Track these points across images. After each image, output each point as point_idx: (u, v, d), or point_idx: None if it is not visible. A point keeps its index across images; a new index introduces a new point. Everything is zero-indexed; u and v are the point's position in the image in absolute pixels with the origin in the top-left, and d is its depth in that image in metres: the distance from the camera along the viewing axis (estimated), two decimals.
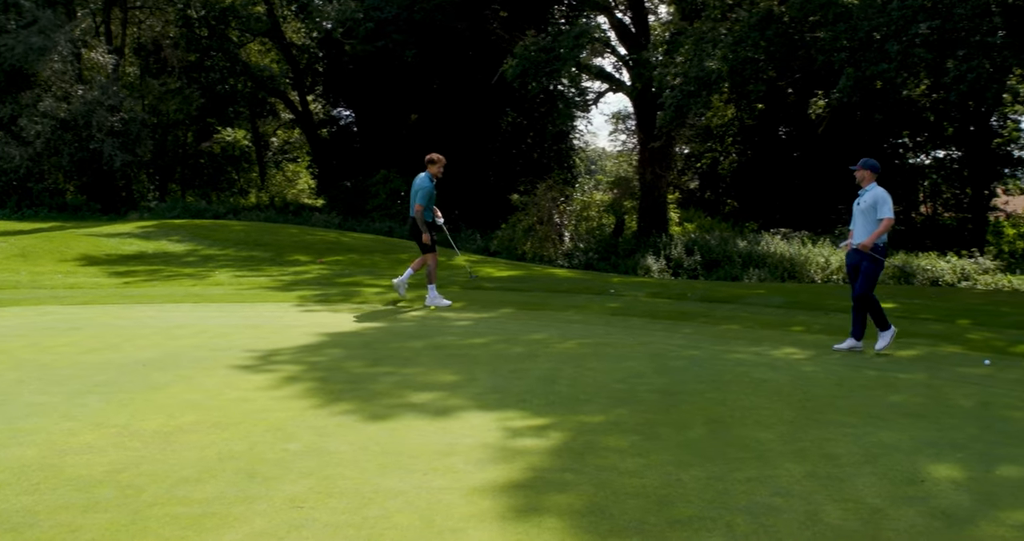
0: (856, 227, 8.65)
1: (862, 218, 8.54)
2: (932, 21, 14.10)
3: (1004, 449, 5.42)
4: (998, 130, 35.27)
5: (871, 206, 8.43)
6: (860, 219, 8.58)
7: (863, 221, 8.53)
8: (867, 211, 8.48)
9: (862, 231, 8.56)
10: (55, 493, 4.38)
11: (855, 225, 8.66)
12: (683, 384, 7.02)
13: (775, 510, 4.33)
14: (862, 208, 8.53)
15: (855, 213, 8.63)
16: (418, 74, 32.43)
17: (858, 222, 8.61)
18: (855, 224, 8.66)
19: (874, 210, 8.41)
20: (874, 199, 8.45)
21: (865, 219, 8.50)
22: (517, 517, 4.20)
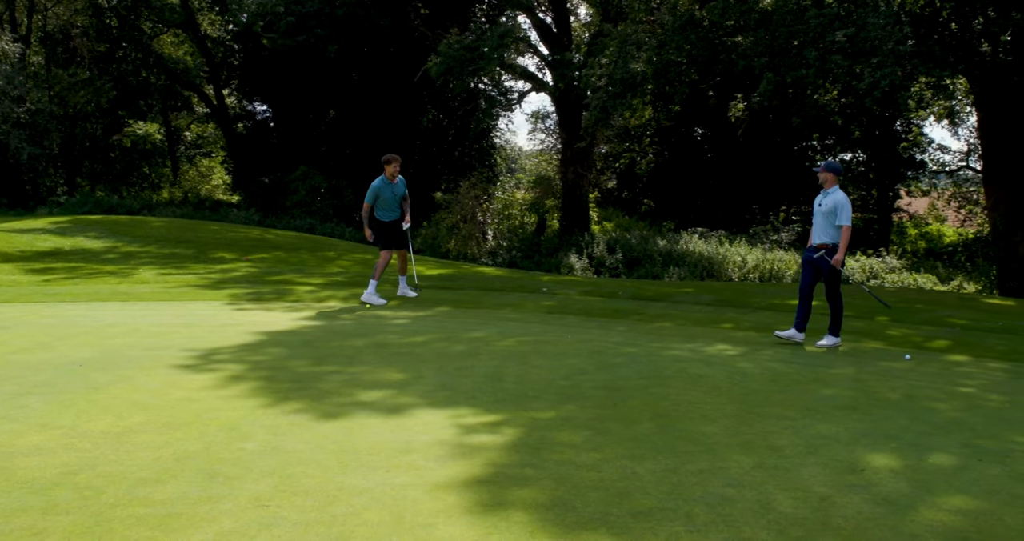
0: (816, 226, 9.04)
1: (822, 219, 8.93)
2: (847, 29, 14.66)
3: (933, 439, 5.73)
4: (902, 135, 36.73)
5: (832, 210, 8.81)
6: (820, 220, 8.97)
7: (823, 222, 8.92)
8: (828, 214, 8.86)
9: (820, 231, 8.96)
10: (10, 496, 4.29)
11: (815, 224, 9.04)
12: (625, 380, 7.19)
13: (729, 500, 4.51)
14: (823, 210, 8.90)
15: (816, 213, 9.01)
16: (338, 70, 32.14)
17: (818, 222, 9.00)
18: (815, 223, 9.03)
19: (834, 214, 8.79)
20: (835, 204, 8.82)
21: (825, 221, 8.88)
22: (484, 511, 4.28)
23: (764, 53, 15.32)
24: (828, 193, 8.91)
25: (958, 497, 4.66)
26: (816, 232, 9.01)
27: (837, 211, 8.77)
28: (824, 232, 8.90)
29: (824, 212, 8.88)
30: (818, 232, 8.97)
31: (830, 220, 8.83)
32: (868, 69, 14.10)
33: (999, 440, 5.73)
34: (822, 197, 8.98)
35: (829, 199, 8.86)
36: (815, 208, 9.02)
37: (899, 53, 14.32)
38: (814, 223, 9.04)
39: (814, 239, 9.06)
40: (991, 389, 7.37)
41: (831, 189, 8.91)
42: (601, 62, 18.82)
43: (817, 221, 8.98)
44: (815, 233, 9.03)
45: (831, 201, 8.83)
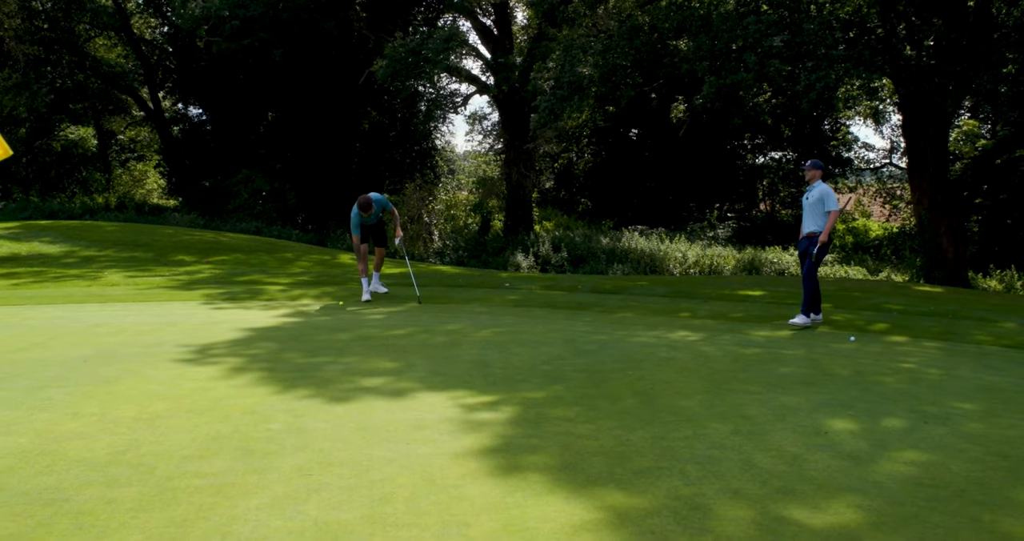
0: (805, 217, 9.93)
1: (810, 210, 9.82)
2: (784, 35, 15.52)
3: (883, 406, 6.44)
4: (830, 134, 38.18)
5: (818, 200, 9.71)
6: (809, 211, 9.87)
7: (811, 213, 9.82)
8: (815, 205, 9.75)
9: (810, 221, 9.86)
10: (71, 473, 4.68)
11: (805, 216, 9.92)
12: (601, 364, 7.79)
13: (715, 459, 5.12)
14: (810, 202, 9.80)
15: (805, 206, 9.91)
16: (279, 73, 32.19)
17: (807, 214, 9.89)
18: (805, 216, 9.91)
19: (821, 204, 9.70)
20: (820, 194, 9.72)
21: (813, 211, 9.79)
22: (503, 474, 4.82)
23: (706, 57, 16.11)
24: (813, 187, 9.77)
25: (910, 452, 5.34)
26: (806, 223, 9.91)
27: (824, 200, 9.63)
28: (813, 222, 9.80)
29: (812, 203, 9.75)
30: (808, 222, 9.87)
31: (818, 210, 9.71)
32: (804, 72, 14.98)
33: (940, 406, 6.46)
34: (809, 191, 9.83)
35: (815, 191, 9.75)
36: (803, 202, 9.93)
37: (832, 57, 15.23)
38: (804, 216, 9.90)
39: (804, 229, 9.94)
40: (929, 365, 8.15)
41: (815, 184, 9.77)
42: (548, 65, 19.43)
43: (806, 213, 9.89)
44: (805, 224, 9.93)
45: (817, 193, 9.73)
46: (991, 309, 12.02)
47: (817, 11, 16.66)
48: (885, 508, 4.38)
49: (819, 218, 9.73)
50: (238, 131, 36.88)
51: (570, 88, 18.00)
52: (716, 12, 16.41)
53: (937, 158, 20.08)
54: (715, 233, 34.56)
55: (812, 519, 4.24)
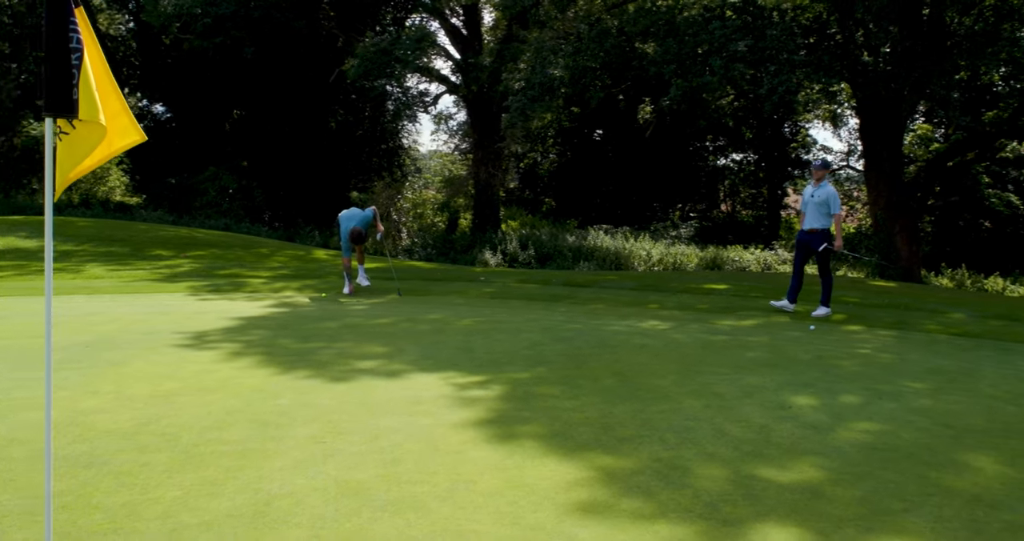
0: (808, 214, 10.62)
1: (815, 209, 10.49)
2: (748, 40, 16.16)
3: (840, 385, 7.00)
4: (790, 136, 39.13)
5: (824, 201, 10.38)
6: (813, 209, 10.54)
7: (815, 211, 10.49)
8: (820, 204, 10.42)
9: (813, 218, 10.54)
10: (102, 442, 5.07)
11: (808, 212, 10.61)
12: (579, 349, 8.28)
13: (691, 429, 5.63)
14: (816, 201, 10.47)
15: (809, 203, 10.58)
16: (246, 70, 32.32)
17: (811, 211, 10.57)
18: (807, 211, 10.61)
19: (827, 205, 10.37)
20: (827, 196, 10.39)
21: (817, 210, 10.47)
22: (500, 441, 5.29)
23: (673, 60, 16.69)
24: (820, 187, 10.46)
25: (865, 423, 5.90)
26: (809, 219, 10.59)
27: (830, 202, 10.34)
28: (816, 219, 10.48)
29: (817, 203, 10.43)
30: (810, 219, 10.55)
31: (822, 210, 10.41)
32: (767, 76, 15.62)
33: (893, 385, 7.04)
34: (815, 190, 10.52)
35: (821, 192, 10.39)
36: (807, 199, 10.61)
37: (793, 62, 15.89)
38: (807, 212, 10.61)
39: (806, 225, 10.65)
40: (882, 350, 8.76)
41: (822, 184, 10.42)
42: (520, 66, 19.93)
43: (810, 210, 10.55)
44: (808, 220, 10.61)
45: (823, 194, 10.38)
46: (941, 302, 12.72)
47: (779, 17, 17.33)
48: (843, 468, 4.92)
49: (821, 217, 10.42)
50: (204, 128, 36.90)
51: (541, 89, 18.50)
52: (681, 17, 17.02)
53: (893, 161, 20.89)
54: (678, 232, 35.28)
55: (779, 477, 4.76)
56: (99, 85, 2.27)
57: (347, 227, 12.17)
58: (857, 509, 4.30)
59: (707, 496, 4.44)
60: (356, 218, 12.29)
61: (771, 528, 4.05)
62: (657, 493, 4.47)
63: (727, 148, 42.29)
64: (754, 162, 41.33)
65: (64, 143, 2.35)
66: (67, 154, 2.37)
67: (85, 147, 2.36)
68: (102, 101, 2.30)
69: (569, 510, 4.21)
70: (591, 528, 4.00)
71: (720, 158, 42.85)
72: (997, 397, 6.71)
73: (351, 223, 12.21)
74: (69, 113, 2.27)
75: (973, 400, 6.58)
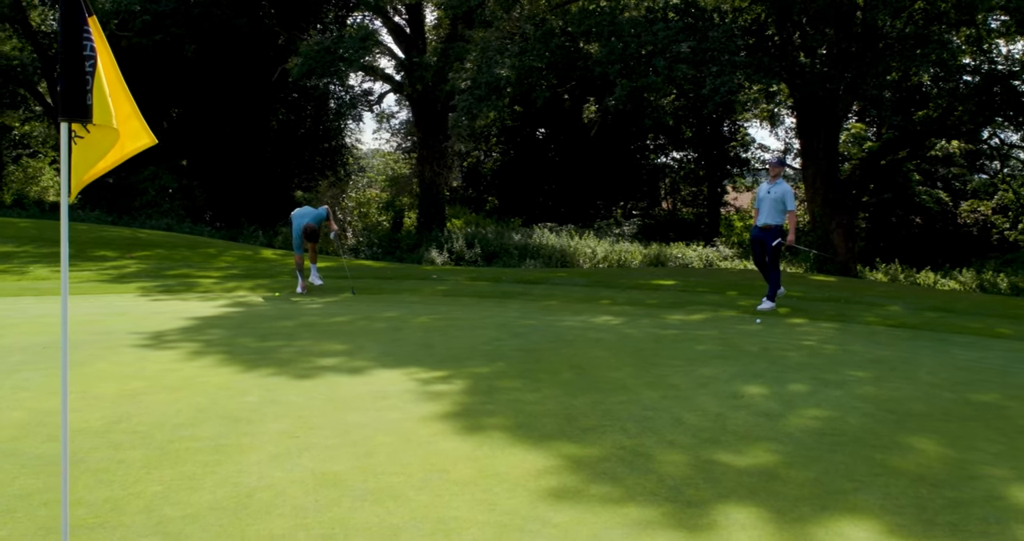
0: (763, 210, 10.83)
1: (771, 205, 10.71)
2: (691, 41, 16.55)
3: (788, 375, 7.31)
4: (728, 135, 39.89)
5: (780, 198, 10.61)
6: (769, 205, 10.75)
7: (771, 207, 10.71)
8: (776, 201, 10.65)
9: (768, 215, 10.76)
10: (75, 440, 5.09)
11: (762, 208, 10.82)
12: (535, 344, 8.48)
13: (650, 418, 5.86)
14: (772, 197, 10.69)
15: (765, 199, 10.78)
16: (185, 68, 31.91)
17: (765, 206, 10.79)
18: (762, 207, 10.82)
19: (783, 201, 10.60)
20: (783, 193, 10.62)
21: (773, 206, 10.69)
22: (468, 432, 5.45)
23: (618, 61, 17.00)
24: (776, 184, 10.69)
25: (814, 410, 6.20)
26: (763, 215, 10.81)
27: (785, 199, 10.57)
28: (771, 216, 10.71)
29: (773, 199, 10.64)
30: (765, 215, 10.78)
31: (778, 206, 10.63)
32: (710, 77, 16.02)
33: (837, 374, 7.37)
34: (771, 187, 10.74)
35: (778, 189, 10.62)
36: (763, 195, 10.83)
37: (735, 63, 16.32)
38: (762, 208, 10.84)
39: (761, 221, 10.89)
40: (826, 342, 9.13)
41: (777, 181, 10.68)
42: (466, 66, 20.09)
43: (765, 206, 10.77)
44: (763, 216, 10.83)
45: (780, 191, 10.61)
46: (878, 296, 13.23)
47: (720, 20, 17.76)
48: (795, 452, 5.19)
49: (776, 213, 10.68)
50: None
51: (487, 88, 18.67)
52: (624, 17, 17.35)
53: (829, 159, 21.52)
54: (621, 230, 35.74)
55: (737, 461, 5.01)
56: (112, 90, 2.38)
57: (300, 224, 12.21)
58: (811, 489, 4.56)
59: (670, 480, 4.66)
60: (309, 216, 12.35)
61: (732, 509, 4.28)
62: (623, 479, 4.68)
63: (667, 146, 42.94)
64: (694, 160, 42.03)
65: (79, 146, 2.45)
66: (82, 157, 2.48)
67: (99, 150, 2.47)
68: (115, 106, 2.41)
69: (541, 496, 4.40)
70: (564, 512, 4.19)
71: (661, 156, 43.49)
72: (935, 384, 7.07)
73: (304, 220, 12.26)
74: (84, 118, 2.38)
75: (913, 387, 6.94)
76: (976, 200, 31.98)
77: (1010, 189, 28.51)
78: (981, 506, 4.38)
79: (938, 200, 32.28)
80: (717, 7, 19.41)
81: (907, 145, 25.51)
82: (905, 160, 28.15)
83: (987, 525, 4.14)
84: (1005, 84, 20.61)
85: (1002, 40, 24.47)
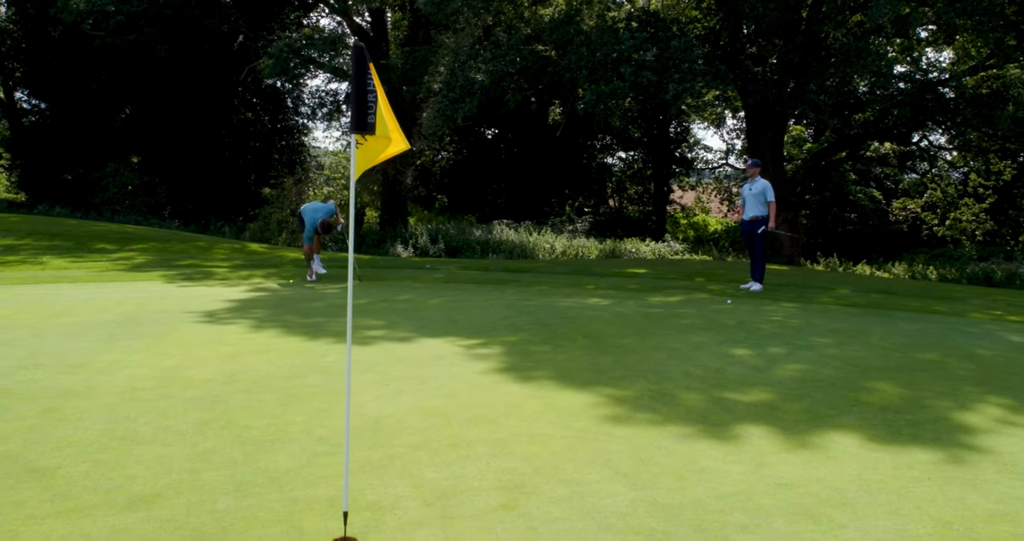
0: (748, 205, 12.38)
1: (753, 199, 12.29)
2: (654, 50, 17.98)
3: (766, 342, 8.71)
4: (675, 136, 41.63)
5: (761, 192, 12.19)
6: (752, 200, 12.33)
7: (754, 201, 12.29)
8: (758, 195, 12.22)
9: (752, 208, 12.32)
10: (207, 388, 6.22)
11: (748, 204, 12.39)
12: (545, 320, 9.76)
13: (664, 371, 7.18)
14: (754, 193, 12.27)
15: (748, 196, 12.36)
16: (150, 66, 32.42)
17: (750, 202, 12.37)
18: (748, 203, 12.39)
19: (763, 195, 12.17)
20: (763, 187, 12.22)
21: (756, 200, 12.25)
22: (523, 381, 6.71)
23: (586, 67, 18.35)
24: (755, 181, 12.26)
25: (793, 365, 7.59)
26: (749, 209, 12.40)
27: (766, 193, 12.17)
28: (755, 208, 12.30)
29: (755, 194, 12.25)
30: (750, 209, 12.36)
31: (760, 199, 12.27)
32: (672, 83, 17.47)
33: (806, 341, 8.79)
34: (751, 184, 12.31)
35: (758, 185, 12.23)
36: (746, 193, 12.40)
37: (695, 70, 17.81)
38: (747, 203, 12.41)
39: (747, 215, 12.42)
40: (791, 318, 10.56)
41: (756, 179, 12.19)
42: (440, 69, 21.26)
43: (749, 201, 12.38)
44: (748, 210, 12.40)
45: (759, 187, 12.21)
46: (828, 281, 14.80)
47: (679, 30, 19.24)
48: (786, 393, 6.56)
49: (760, 206, 12.22)
50: (98, 124, 36.58)
51: (462, 91, 19.86)
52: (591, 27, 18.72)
53: (775, 159, 23.20)
54: (574, 226, 37.22)
55: (742, 398, 6.36)
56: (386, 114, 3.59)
57: (315, 218, 13.27)
58: (804, 416, 5.92)
59: (695, 411, 5.99)
60: (321, 210, 13.40)
61: (748, 427, 5.62)
62: (658, 409, 5.99)
63: (614, 146, 44.56)
64: (640, 160, 43.72)
65: (360, 149, 3.65)
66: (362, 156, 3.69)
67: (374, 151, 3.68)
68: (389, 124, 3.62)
69: (600, 420, 5.68)
70: (623, 429, 5.48)
71: (607, 156, 45.10)
72: (886, 347, 8.53)
73: (318, 214, 13.31)
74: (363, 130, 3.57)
75: (869, 349, 8.39)
76: (907, 198, 34.18)
77: (938, 188, 30.65)
78: (932, 425, 5.79)
79: (872, 198, 34.42)
80: (676, 18, 20.94)
81: (845, 147, 27.42)
82: (843, 161, 30.11)
83: (937, 435, 5.55)
84: (934, 91, 22.52)
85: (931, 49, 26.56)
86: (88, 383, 6.24)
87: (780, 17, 18.55)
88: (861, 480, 4.64)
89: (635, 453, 5.00)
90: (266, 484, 4.35)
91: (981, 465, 4.97)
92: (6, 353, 7.24)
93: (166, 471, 4.50)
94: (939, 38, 23.12)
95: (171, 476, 4.42)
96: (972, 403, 6.39)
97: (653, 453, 5.01)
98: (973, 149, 26.36)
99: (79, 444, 4.89)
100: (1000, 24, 17.44)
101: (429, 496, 4.26)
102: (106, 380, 6.35)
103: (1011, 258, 24.03)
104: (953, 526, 4.06)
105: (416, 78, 25.12)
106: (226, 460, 4.70)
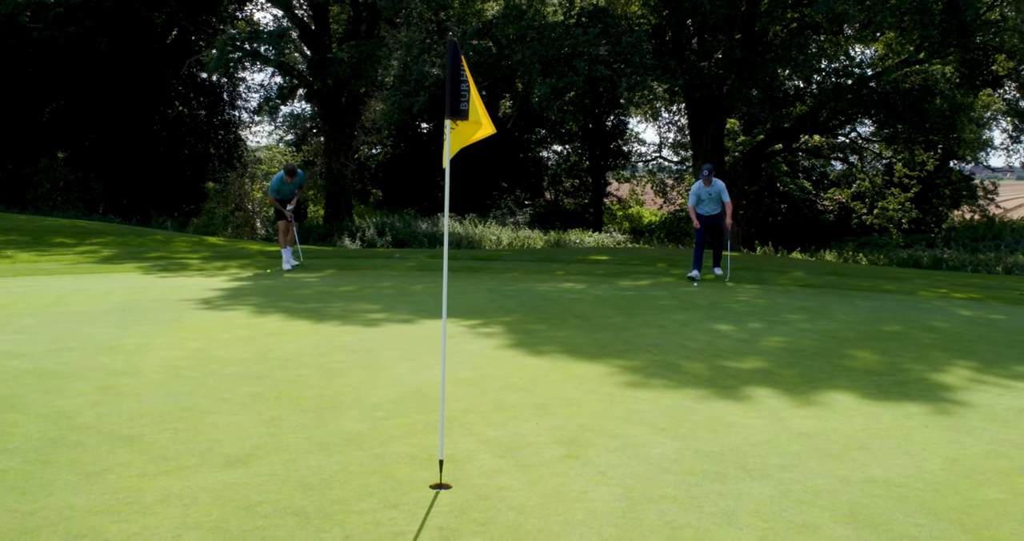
0: (706, 204, 13.02)
1: (711, 200, 12.94)
2: (607, 45, 18.59)
3: (743, 318, 9.34)
4: (612, 130, 42.49)
5: (719, 193, 12.85)
6: (709, 200, 12.99)
7: (712, 201, 12.96)
8: (715, 196, 12.88)
9: (711, 206, 12.97)
10: (244, 365, 6.55)
11: (704, 203, 13.03)
12: (531, 302, 10.24)
13: (662, 345, 7.74)
14: (712, 194, 12.91)
15: (704, 197, 12.97)
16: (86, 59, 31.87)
17: (708, 201, 13.01)
18: (704, 203, 13.03)
19: (720, 196, 12.86)
20: (719, 190, 12.88)
21: (711, 200, 12.91)
22: (538, 355, 7.18)
23: (541, 62, 18.87)
24: (713, 184, 12.86)
25: (776, 337, 8.23)
26: (707, 208, 13.01)
27: (722, 194, 12.84)
28: (714, 207, 12.96)
29: (713, 196, 12.90)
30: (709, 208, 12.99)
31: (717, 199, 12.94)
32: (624, 78, 18.10)
33: (779, 317, 9.45)
34: (710, 188, 12.89)
35: (714, 188, 12.87)
36: (704, 196, 12.99)
37: (645, 65, 18.47)
38: (704, 204, 13.03)
39: (707, 212, 13.02)
40: (758, 297, 11.25)
41: (713, 182, 12.84)
42: (392, 63, 21.54)
43: (708, 201, 12.99)
44: (707, 208, 13.01)
45: (717, 189, 12.87)
46: (780, 266, 15.61)
47: (628, 26, 19.90)
48: (777, 360, 7.17)
49: (717, 204, 12.91)
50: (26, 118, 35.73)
51: (416, 85, 20.19)
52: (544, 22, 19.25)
53: (716, 152, 24.07)
54: (516, 219, 37.80)
55: (741, 366, 6.94)
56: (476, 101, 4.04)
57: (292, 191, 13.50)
58: (800, 379, 6.53)
59: (703, 376, 6.55)
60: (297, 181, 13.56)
61: (754, 388, 6.20)
62: (670, 376, 6.53)
63: (548, 140, 45.27)
64: (576, 153, 44.50)
65: (454, 133, 4.10)
66: (455, 138, 4.14)
67: (465, 135, 4.13)
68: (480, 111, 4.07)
69: (622, 386, 6.20)
70: (645, 393, 6.00)
71: (543, 150, 45.79)
72: (853, 322, 9.25)
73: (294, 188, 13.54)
74: (457, 116, 4.01)
75: (838, 323, 9.09)
76: (836, 189, 35.60)
77: (866, 178, 32.02)
78: (915, 384, 6.45)
79: (802, 189, 35.75)
80: (624, 15, 21.60)
81: (780, 139, 28.50)
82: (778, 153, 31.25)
83: (922, 392, 6.21)
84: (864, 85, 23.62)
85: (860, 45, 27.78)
86: (129, 363, 6.50)
87: (726, 15, 19.33)
88: (869, 429, 5.24)
89: (664, 412, 5.52)
90: (345, 444, 4.74)
91: (966, 416, 5.63)
92: (28, 339, 7.42)
93: (247, 435, 4.85)
94: (868, 35, 24.27)
95: (253, 439, 4.78)
96: (944, 366, 7.10)
97: (680, 411, 5.54)
98: (901, 140, 27.65)
99: (151, 415, 5.20)
100: (930, 21, 18.45)
101: (498, 449, 4.72)
102: (145, 360, 6.62)
103: (932, 245, 25.38)
104: (959, 462, 4.67)
105: (363, 72, 25.31)
106: (296, 425, 5.07)
